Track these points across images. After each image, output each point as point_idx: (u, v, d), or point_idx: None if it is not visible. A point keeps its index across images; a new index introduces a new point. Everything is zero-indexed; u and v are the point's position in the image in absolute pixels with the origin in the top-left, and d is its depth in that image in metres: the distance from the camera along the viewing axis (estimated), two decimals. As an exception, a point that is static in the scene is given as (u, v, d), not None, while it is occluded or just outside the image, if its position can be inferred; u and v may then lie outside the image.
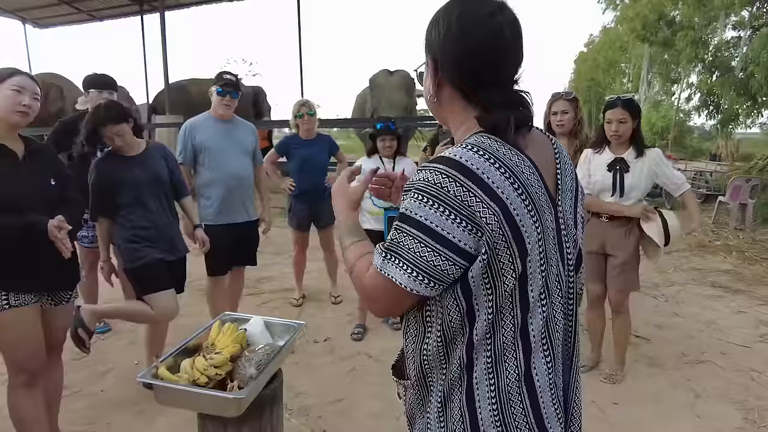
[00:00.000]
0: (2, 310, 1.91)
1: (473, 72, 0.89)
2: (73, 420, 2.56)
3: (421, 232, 0.81)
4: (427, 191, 0.81)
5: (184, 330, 3.14)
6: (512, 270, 0.82)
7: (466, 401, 0.88)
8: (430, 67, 0.94)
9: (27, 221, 1.88)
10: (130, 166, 2.53)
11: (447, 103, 0.96)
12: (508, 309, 0.85)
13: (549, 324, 0.89)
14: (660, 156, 2.82)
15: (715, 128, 17.70)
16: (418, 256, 0.81)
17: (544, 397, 0.89)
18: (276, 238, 6.50)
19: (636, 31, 18.40)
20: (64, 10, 11.25)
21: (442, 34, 0.90)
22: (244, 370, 1.64)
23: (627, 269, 2.89)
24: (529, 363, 0.87)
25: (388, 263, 0.85)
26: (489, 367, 0.87)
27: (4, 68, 1.93)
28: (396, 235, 0.85)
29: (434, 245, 0.80)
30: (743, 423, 2.60)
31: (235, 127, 3.23)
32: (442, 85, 0.94)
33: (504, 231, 0.80)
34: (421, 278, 0.82)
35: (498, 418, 0.87)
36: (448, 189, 0.80)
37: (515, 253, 0.82)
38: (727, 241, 6.73)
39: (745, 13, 15.25)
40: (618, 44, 31.16)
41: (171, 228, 2.68)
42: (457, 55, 0.89)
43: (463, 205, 0.79)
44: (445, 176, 0.80)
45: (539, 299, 0.86)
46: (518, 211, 0.81)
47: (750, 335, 3.67)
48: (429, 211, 0.80)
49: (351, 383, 2.97)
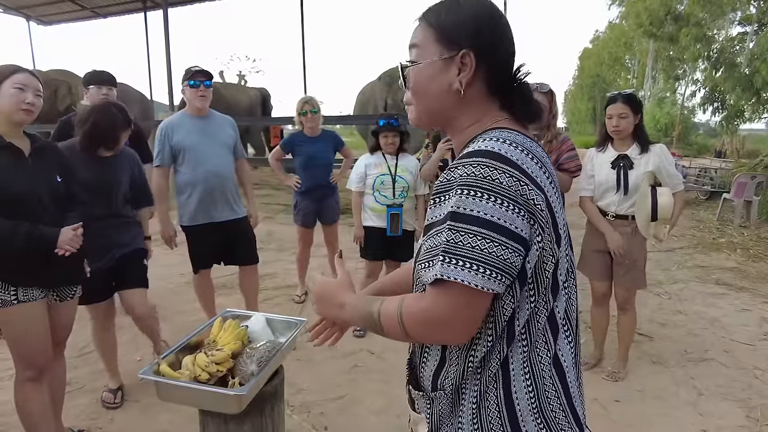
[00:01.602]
0: (11, 305, 1.93)
1: (509, 65, 0.93)
2: (77, 415, 2.58)
3: (483, 227, 0.77)
4: (478, 185, 0.79)
5: (185, 327, 3.16)
6: (552, 257, 0.84)
7: (504, 396, 0.88)
8: (469, 59, 0.89)
9: (38, 233, 1.90)
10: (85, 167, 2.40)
11: (469, 99, 0.92)
12: (543, 296, 0.87)
13: (568, 306, 0.92)
14: (664, 151, 2.80)
15: (720, 125, 17.59)
16: (487, 252, 0.77)
17: (571, 377, 0.91)
18: (279, 235, 6.53)
19: (643, 26, 18.31)
20: (67, 7, 11.29)
21: (486, 24, 0.90)
22: (245, 367, 1.64)
23: (634, 268, 2.87)
24: (556, 345, 0.89)
25: (451, 267, 0.78)
26: (524, 357, 0.88)
27: (6, 65, 1.93)
28: (452, 236, 0.79)
29: (500, 238, 0.77)
30: (746, 421, 2.59)
31: (212, 122, 3.18)
32: (474, 81, 0.90)
33: (548, 219, 0.82)
34: (495, 275, 0.77)
35: (536, 405, 0.88)
36: (500, 180, 0.78)
37: (554, 239, 0.84)
38: (732, 239, 6.68)
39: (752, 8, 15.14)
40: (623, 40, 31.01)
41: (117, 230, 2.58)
42: (497, 46, 0.91)
43: (518, 195, 0.79)
44: (492, 168, 0.79)
45: (564, 282, 0.89)
46: (552, 198, 0.84)
47: (754, 333, 3.66)
48: (486, 204, 0.78)
49: (353, 380, 2.98)
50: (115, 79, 3.24)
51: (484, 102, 0.93)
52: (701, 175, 10.47)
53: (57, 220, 1.99)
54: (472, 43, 0.89)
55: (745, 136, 18.72)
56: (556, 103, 2.93)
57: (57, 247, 1.94)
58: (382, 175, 3.44)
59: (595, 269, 2.99)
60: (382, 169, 3.45)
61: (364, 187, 3.51)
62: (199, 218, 3.10)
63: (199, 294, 3.38)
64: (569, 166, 2.86)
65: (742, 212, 7.65)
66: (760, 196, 7.87)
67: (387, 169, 3.44)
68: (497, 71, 0.92)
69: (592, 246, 2.98)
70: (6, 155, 1.91)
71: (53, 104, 10.57)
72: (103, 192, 2.50)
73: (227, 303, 3.88)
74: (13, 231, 1.85)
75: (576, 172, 2.91)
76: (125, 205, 2.65)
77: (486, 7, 0.91)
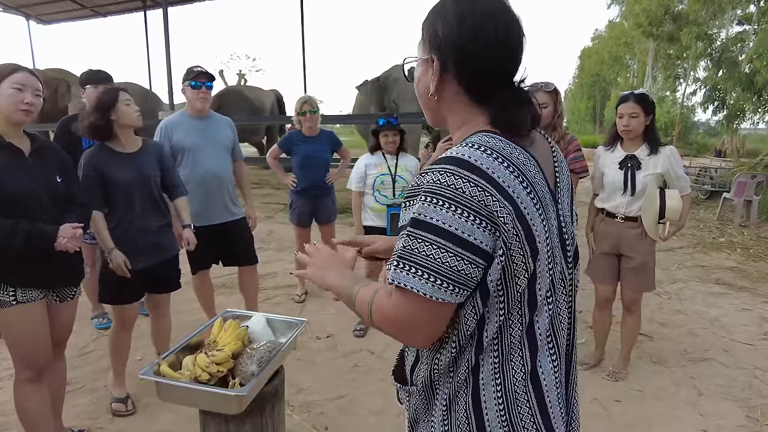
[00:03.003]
0: (10, 306, 1.93)
1: (487, 69, 0.86)
2: (77, 415, 2.58)
3: (440, 236, 0.76)
4: (441, 193, 0.77)
5: (187, 327, 3.16)
6: (524, 270, 0.81)
7: (472, 403, 0.87)
8: (434, 62, 0.88)
9: (37, 230, 1.90)
10: (120, 163, 2.45)
11: (449, 102, 0.92)
12: (516, 309, 0.84)
13: (554, 322, 0.88)
14: (674, 153, 2.76)
15: (720, 124, 17.59)
16: (440, 262, 0.76)
17: (551, 396, 0.88)
18: (279, 234, 6.53)
19: (642, 26, 18.32)
20: (67, 6, 11.28)
21: (453, 27, 0.85)
22: (245, 367, 1.64)
23: (644, 270, 2.85)
24: (535, 362, 0.87)
25: (402, 274, 0.79)
26: (496, 368, 0.86)
27: (5, 65, 1.92)
28: (409, 242, 0.79)
29: (456, 249, 0.76)
30: (746, 421, 2.59)
31: (211, 123, 3.19)
32: (446, 83, 0.89)
33: (517, 230, 0.79)
34: (446, 285, 0.77)
35: (505, 417, 0.86)
36: (463, 190, 0.76)
37: (527, 252, 0.80)
38: (732, 238, 6.69)
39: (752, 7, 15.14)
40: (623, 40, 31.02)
41: (157, 231, 2.58)
42: (471, 50, 0.85)
43: (481, 205, 0.76)
44: (457, 177, 0.77)
45: (546, 298, 0.86)
46: (528, 209, 0.80)
47: (754, 333, 3.66)
48: (446, 214, 0.76)
49: (353, 380, 2.98)
50: (111, 77, 3.23)
51: (467, 105, 0.90)
52: (701, 175, 10.47)
53: (56, 220, 1.98)
54: (437, 48, 0.88)
55: (745, 136, 18.72)
56: (561, 102, 2.89)
57: (56, 241, 1.93)
58: (382, 174, 3.44)
59: (601, 272, 2.98)
60: (382, 168, 3.45)
61: (364, 187, 3.50)
62: (197, 219, 3.10)
63: (199, 295, 3.38)
64: (575, 167, 2.84)
65: (742, 212, 7.65)
66: (760, 195, 7.87)
67: (387, 169, 3.44)
68: (471, 77, 0.87)
69: (599, 248, 2.97)
70: (5, 155, 1.90)
71: (54, 103, 10.58)
72: (141, 186, 2.49)
73: (227, 303, 3.89)
74: (12, 230, 1.84)
75: (582, 173, 2.89)
76: (163, 201, 2.66)
77: (461, 13, 0.85)
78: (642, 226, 2.79)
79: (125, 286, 2.47)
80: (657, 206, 2.67)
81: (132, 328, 2.68)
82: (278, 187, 9.87)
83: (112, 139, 2.47)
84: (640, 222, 2.80)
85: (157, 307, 2.78)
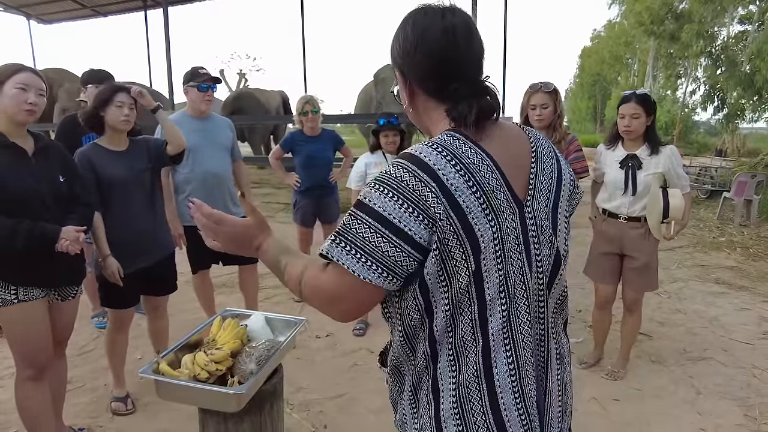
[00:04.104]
0: (11, 305, 1.94)
1: (434, 71, 0.92)
2: (77, 414, 2.59)
3: (378, 222, 0.81)
4: (387, 183, 0.82)
5: (187, 326, 3.17)
6: (465, 267, 0.83)
7: (432, 390, 0.90)
8: (400, 78, 0.98)
9: (39, 230, 1.91)
10: (111, 160, 2.43)
11: (423, 110, 0.98)
12: (466, 305, 0.86)
13: (512, 323, 0.88)
14: (675, 153, 2.77)
15: (720, 123, 17.58)
16: (373, 246, 0.80)
17: (506, 399, 0.88)
18: (279, 234, 6.50)
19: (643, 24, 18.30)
20: (68, 6, 11.27)
21: (401, 44, 0.94)
22: (244, 366, 1.65)
23: (647, 270, 2.85)
24: (489, 360, 0.87)
25: (337, 249, 0.83)
26: (451, 359, 0.88)
27: (8, 65, 1.93)
28: (349, 221, 0.83)
29: (390, 236, 0.80)
30: (744, 420, 2.59)
31: (211, 123, 3.21)
32: (415, 94, 0.97)
33: (455, 227, 0.81)
34: (375, 268, 0.81)
35: (457, 409, 0.88)
36: (407, 182, 0.81)
37: (467, 249, 0.83)
38: (732, 238, 6.69)
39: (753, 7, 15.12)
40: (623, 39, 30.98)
41: (152, 230, 2.58)
42: (417, 59, 0.92)
43: (420, 199, 0.80)
44: (405, 170, 0.82)
45: (498, 297, 0.86)
46: (471, 208, 0.82)
47: (753, 332, 3.66)
48: (387, 202, 0.81)
49: (352, 379, 2.99)
50: (112, 77, 3.24)
51: (436, 110, 0.95)
52: (701, 174, 10.46)
53: (59, 220, 1.99)
54: (397, 62, 0.97)
55: (746, 135, 18.70)
56: (561, 102, 2.88)
57: (58, 242, 1.94)
58: (382, 174, 3.44)
59: (602, 272, 2.98)
60: (382, 168, 3.45)
61: (364, 186, 3.50)
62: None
63: (199, 294, 3.39)
64: (576, 167, 2.84)
65: (743, 211, 7.65)
66: (761, 195, 7.87)
67: (387, 169, 3.44)
68: (425, 82, 0.94)
69: (600, 249, 2.97)
70: (9, 155, 1.91)
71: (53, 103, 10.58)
72: (134, 183, 2.49)
73: (227, 302, 3.90)
74: (13, 229, 1.85)
75: (582, 173, 2.89)
76: (158, 200, 2.66)
77: (405, 30, 0.94)
78: (645, 226, 2.79)
79: (123, 290, 2.47)
80: (661, 206, 2.68)
81: (128, 329, 2.69)
82: (279, 187, 9.87)
83: (105, 136, 2.48)
84: (643, 222, 2.80)
85: (155, 310, 2.79)
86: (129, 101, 2.44)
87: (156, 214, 2.63)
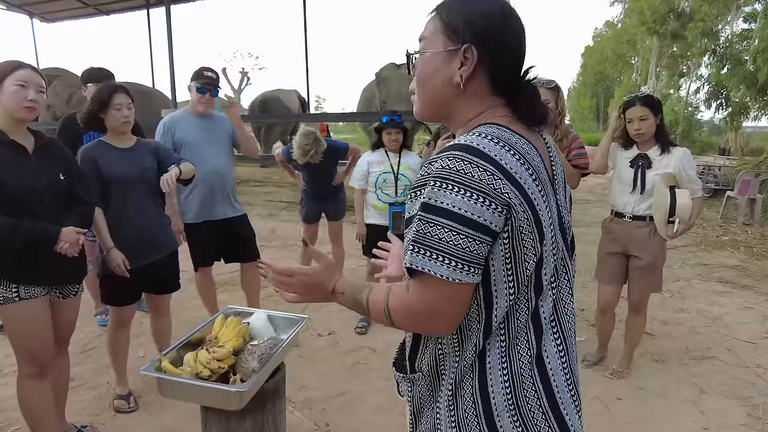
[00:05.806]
0: (12, 303, 1.94)
1: (513, 60, 0.91)
2: (80, 411, 2.60)
3: (452, 219, 0.78)
4: (450, 178, 0.79)
5: (189, 324, 3.17)
6: (534, 254, 0.84)
7: (479, 387, 0.88)
8: (471, 54, 0.88)
9: (39, 230, 1.91)
10: (116, 157, 2.43)
11: (470, 94, 0.92)
12: (524, 293, 0.86)
13: (558, 307, 0.91)
14: (687, 155, 2.76)
15: (724, 122, 17.52)
16: (453, 244, 0.78)
17: (558, 381, 0.89)
18: (282, 232, 6.54)
19: (646, 23, 18.24)
20: (70, 4, 11.26)
21: (487, 18, 0.89)
22: (246, 364, 1.65)
23: (652, 271, 2.84)
24: (540, 346, 0.88)
25: (419, 258, 0.80)
26: (503, 352, 0.87)
27: (8, 62, 1.92)
28: (421, 227, 0.81)
29: (467, 230, 0.78)
30: (748, 419, 2.58)
31: (213, 121, 3.21)
32: (475, 75, 0.90)
33: (527, 214, 0.81)
34: (461, 266, 0.79)
35: (511, 401, 0.87)
36: (472, 174, 0.78)
37: (536, 237, 0.83)
38: (735, 237, 6.66)
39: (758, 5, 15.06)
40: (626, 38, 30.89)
41: (155, 227, 2.58)
42: (506, 38, 0.90)
43: (490, 188, 0.78)
44: (466, 162, 0.79)
45: (550, 283, 0.88)
46: (535, 195, 0.83)
47: (756, 331, 3.65)
48: (456, 197, 0.78)
49: (355, 377, 2.98)
50: (112, 75, 3.25)
51: (486, 98, 0.92)
52: (705, 173, 10.41)
53: (59, 218, 1.99)
54: (475, 38, 0.88)
55: (749, 134, 18.62)
56: (563, 99, 2.86)
57: (57, 243, 1.94)
58: (385, 173, 3.43)
59: (607, 272, 2.97)
60: (384, 166, 3.45)
61: (367, 185, 3.50)
62: (199, 216, 3.11)
63: (201, 291, 3.39)
64: (578, 162, 2.82)
65: (746, 210, 7.62)
66: (764, 194, 7.84)
67: (390, 167, 3.44)
68: (501, 69, 0.91)
69: (606, 249, 2.96)
70: (8, 153, 1.91)
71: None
72: (138, 181, 2.49)
73: (230, 300, 3.90)
74: (12, 229, 1.85)
75: (585, 169, 2.89)
76: (160, 197, 2.65)
77: (496, 4, 0.91)
78: (650, 225, 2.78)
79: (124, 287, 2.47)
80: (667, 203, 2.67)
81: (129, 326, 2.69)
82: (281, 185, 9.87)
83: (108, 133, 2.48)
84: (648, 221, 2.79)
85: (157, 309, 2.79)
86: (127, 101, 2.44)
87: (159, 212, 2.64)
